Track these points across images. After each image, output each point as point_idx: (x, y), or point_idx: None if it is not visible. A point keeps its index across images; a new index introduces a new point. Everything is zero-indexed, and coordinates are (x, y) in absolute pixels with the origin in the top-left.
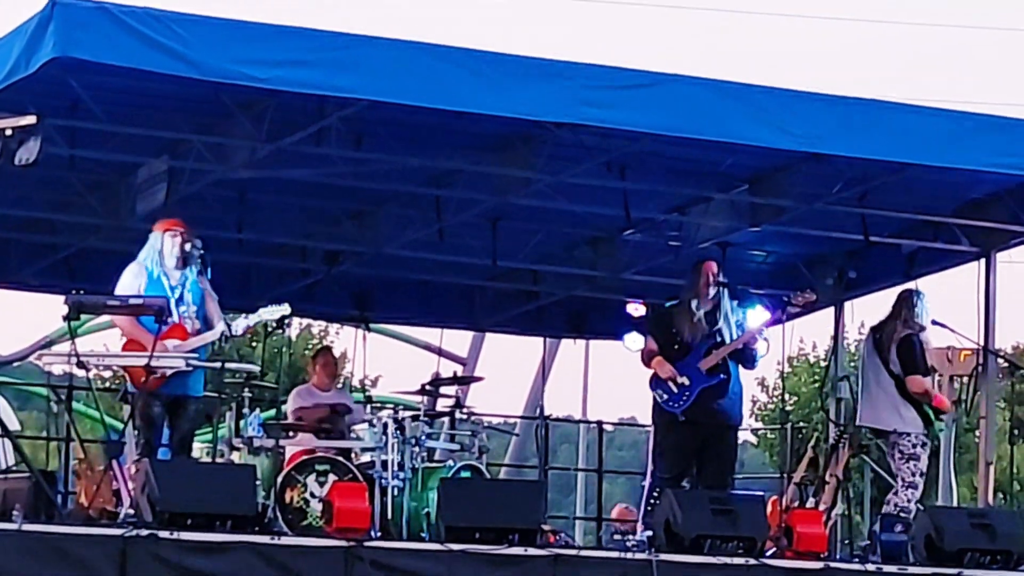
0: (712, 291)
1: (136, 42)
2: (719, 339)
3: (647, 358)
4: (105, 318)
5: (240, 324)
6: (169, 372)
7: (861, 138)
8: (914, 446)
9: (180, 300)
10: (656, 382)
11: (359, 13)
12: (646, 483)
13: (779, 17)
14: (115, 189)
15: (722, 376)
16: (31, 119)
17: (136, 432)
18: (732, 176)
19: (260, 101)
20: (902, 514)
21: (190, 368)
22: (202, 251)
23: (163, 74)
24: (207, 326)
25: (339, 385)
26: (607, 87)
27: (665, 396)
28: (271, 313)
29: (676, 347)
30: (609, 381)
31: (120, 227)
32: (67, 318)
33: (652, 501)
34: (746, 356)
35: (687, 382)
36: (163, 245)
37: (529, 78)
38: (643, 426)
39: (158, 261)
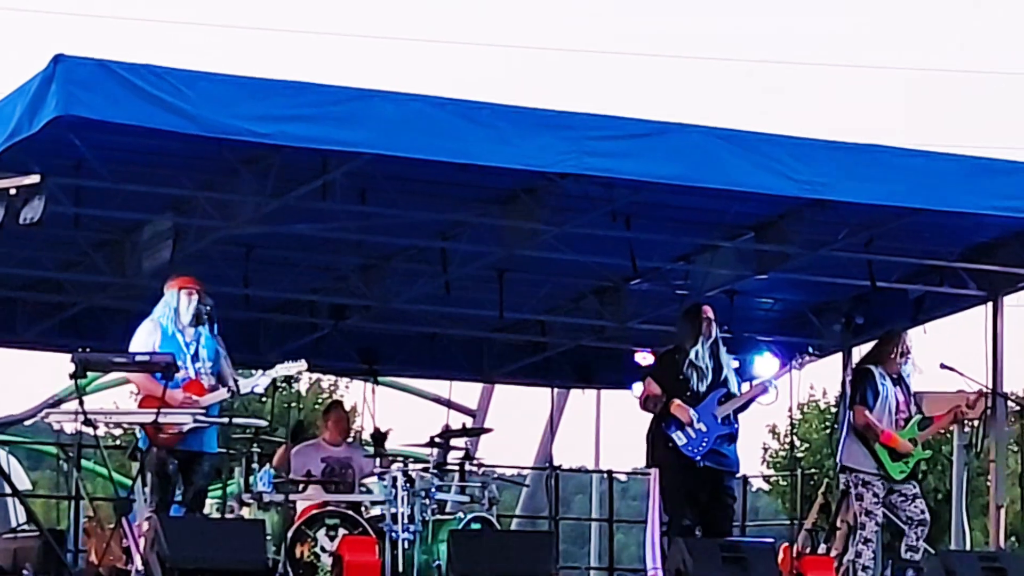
0: (712, 335)
1: (138, 99)
2: (728, 387)
3: (652, 402)
4: (115, 376)
5: (262, 382)
6: (186, 428)
7: (865, 183)
8: (855, 485)
9: (195, 356)
10: (672, 426)
11: (360, 68)
12: (650, 530)
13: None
14: (121, 247)
15: (735, 424)
16: (35, 178)
17: (150, 489)
18: (737, 224)
19: (264, 157)
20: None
21: (205, 424)
22: (208, 307)
23: (166, 131)
24: (221, 383)
25: (349, 440)
26: (610, 137)
27: (684, 440)
28: (288, 369)
29: (688, 394)
30: (621, 431)
31: (126, 285)
32: (74, 376)
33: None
34: (745, 406)
35: (704, 428)
36: (179, 303)
37: (532, 129)
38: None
39: (173, 319)
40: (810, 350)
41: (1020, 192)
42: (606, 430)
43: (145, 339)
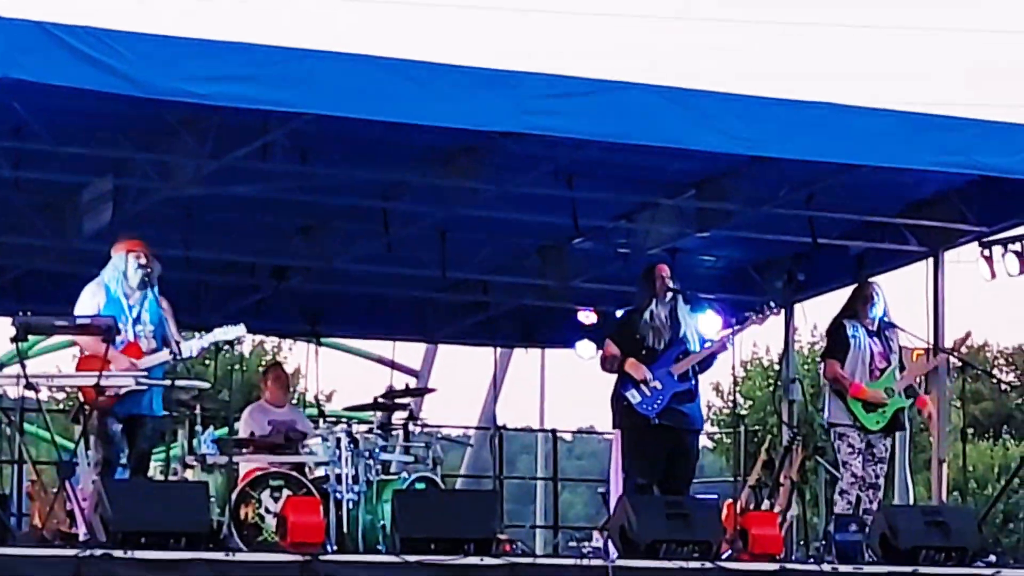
0: (668, 295)
1: (77, 61)
2: (686, 345)
3: (611, 362)
4: (58, 339)
5: (195, 345)
6: (123, 392)
7: (805, 140)
8: (834, 438)
9: (137, 320)
10: (627, 384)
11: (300, 28)
12: (609, 489)
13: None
14: (61, 209)
15: (691, 381)
16: None
17: (93, 452)
18: (679, 182)
19: (203, 118)
20: (842, 513)
21: (143, 387)
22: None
23: (105, 93)
24: (166, 346)
25: (293, 401)
26: (550, 95)
27: (639, 398)
28: (225, 334)
29: (643, 352)
30: (565, 390)
31: (68, 247)
32: (15, 339)
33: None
34: (707, 362)
35: (660, 386)
36: (126, 266)
37: (472, 88)
38: (601, 434)
39: (121, 281)
40: (770, 306)
41: (960, 148)
42: (550, 389)
43: (89, 300)
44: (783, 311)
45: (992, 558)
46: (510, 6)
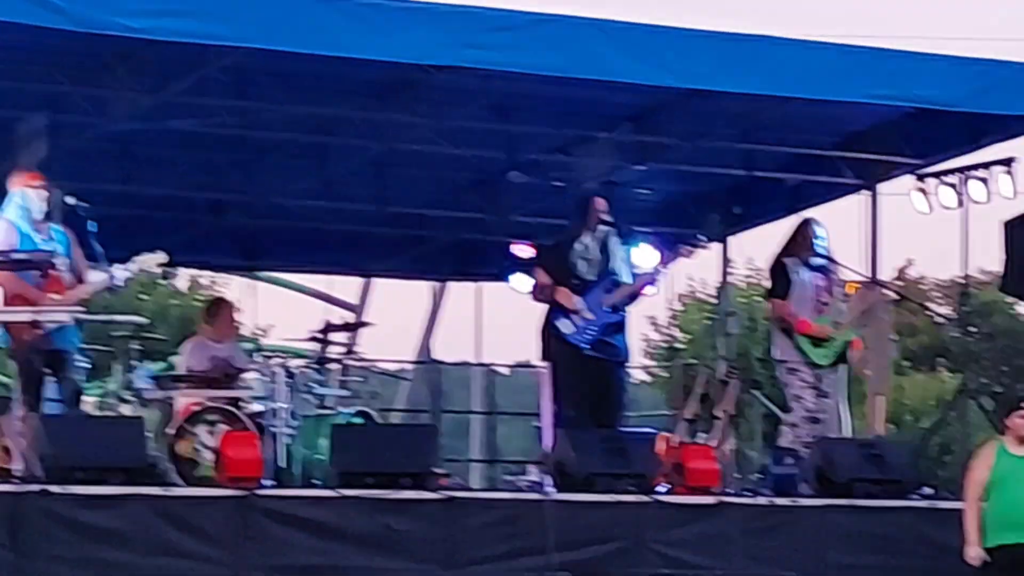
0: (601, 227)
1: None
2: (617, 276)
3: (542, 292)
4: None
5: (120, 275)
6: (52, 327)
7: (741, 73)
8: (783, 373)
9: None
10: (558, 314)
11: None
12: (543, 423)
13: None
14: None
15: (622, 314)
16: None
17: (19, 387)
18: (615, 115)
19: (138, 52)
20: (787, 446)
21: (74, 322)
22: (86, 205)
23: (39, 26)
24: (76, 276)
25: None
26: (486, 29)
27: (572, 329)
28: (147, 262)
29: (575, 283)
30: (501, 325)
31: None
32: None
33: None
34: (635, 295)
35: (592, 316)
36: (29, 201)
37: (408, 22)
38: (537, 368)
39: (26, 217)
40: (699, 238)
41: (893, 80)
42: (487, 324)
43: (3, 239)
44: (720, 244)
45: (928, 490)
46: None
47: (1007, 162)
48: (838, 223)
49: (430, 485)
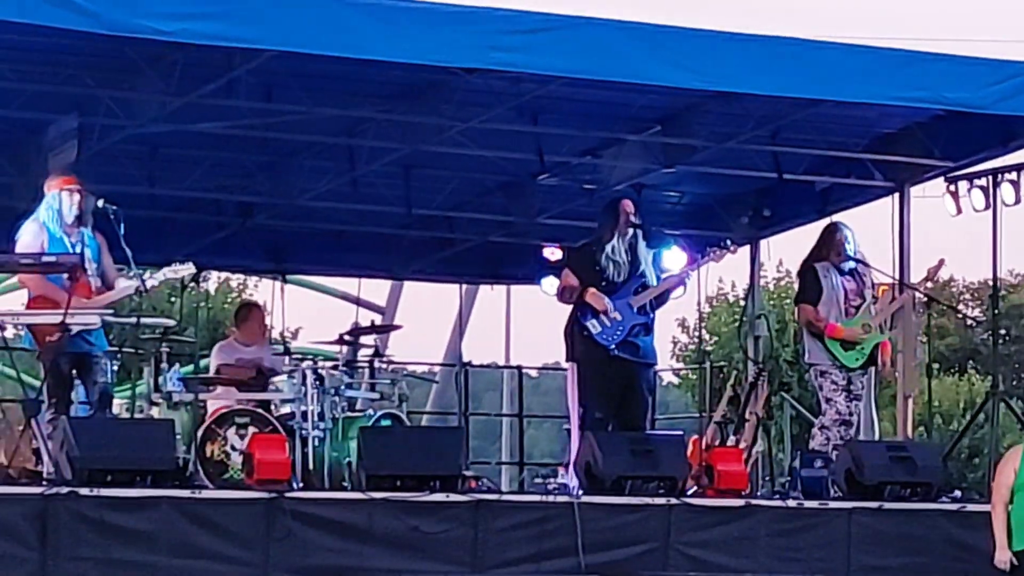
0: (629, 230)
1: None
2: (645, 278)
3: (569, 293)
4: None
5: (148, 283)
6: (76, 330)
7: (770, 75)
8: (815, 376)
9: (81, 258)
10: (587, 314)
11: None
12: (571, 425)
13: None
14: (25, 147)
15: (649, 315)
16: None
17: (47, 390)
18: (644, 117)
19: (167, 55)
20: (818, 449)
21: (100, 325)
22: (115, 207)
23: (70, 30)
24: (104, 282)
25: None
26: (515, 31)
27: (599, 328)
28: (175, 272)
29: (603, 284)
30: (530, 327)
31: (32, 185)
32: None
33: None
34: (663, 297)
35: (620, 317)
36: (61, 203)
37: (437, 24)
38: (566, 370)
39: (57, 220)
40: (728, 243)
41: (924, 82)
42: (516, 326)
43: (32, 241)
44: (749, 247)
45: (957, 493)
46: None
47: None
48: (868, 225)
49: (458, 488)
